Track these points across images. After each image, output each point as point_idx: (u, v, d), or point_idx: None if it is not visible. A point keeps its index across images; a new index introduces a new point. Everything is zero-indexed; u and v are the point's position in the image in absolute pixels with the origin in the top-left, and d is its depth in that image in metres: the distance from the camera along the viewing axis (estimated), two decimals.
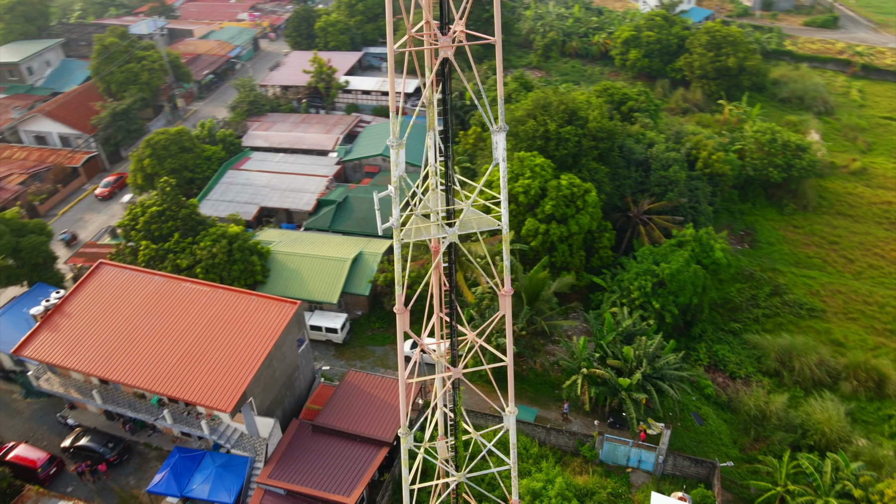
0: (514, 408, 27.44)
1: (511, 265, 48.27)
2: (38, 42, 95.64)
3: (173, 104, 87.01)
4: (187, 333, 39.87)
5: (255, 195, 63.34)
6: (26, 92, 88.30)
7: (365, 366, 48.53)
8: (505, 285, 23.88)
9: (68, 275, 55.41)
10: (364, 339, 51.18)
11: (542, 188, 51.91)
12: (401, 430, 26.64)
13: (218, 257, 47.72)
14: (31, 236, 48.43)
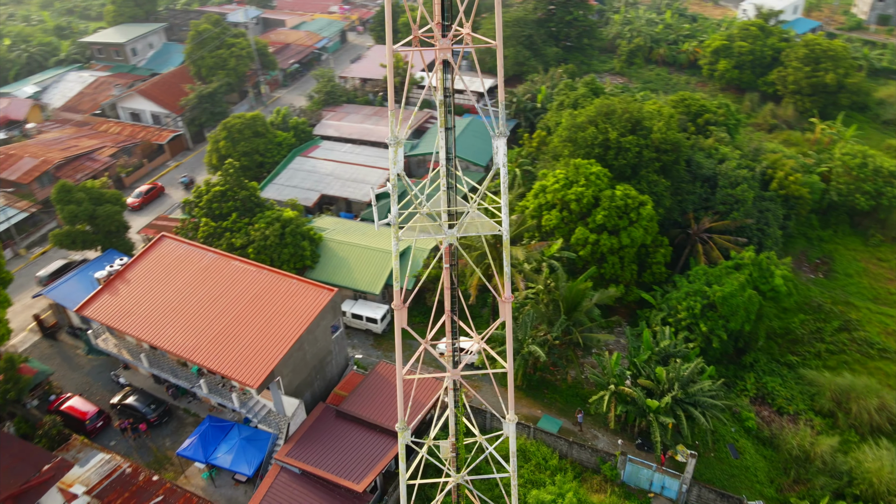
0: (513, 415, 27.13)
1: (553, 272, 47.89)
2: (144, 25, 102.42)
3: (257, 90, 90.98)
4: (229, 309, 41.83)
5: (318, 182, 65.36)
6: (129, 71, 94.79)
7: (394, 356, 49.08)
8: (505, 292, 23.65)
9: (140, 244, 59.29)
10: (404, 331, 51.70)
11: (595, 197, 50.76)
12: (398, 424, 26.96)
13: (270, 239, 49.66)
14: (107, 205, 52.15)
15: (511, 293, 23.78)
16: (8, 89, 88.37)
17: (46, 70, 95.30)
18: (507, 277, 23.44)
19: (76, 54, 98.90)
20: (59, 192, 51.05)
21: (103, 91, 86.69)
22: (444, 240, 23.06)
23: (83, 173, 68.83)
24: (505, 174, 21.48)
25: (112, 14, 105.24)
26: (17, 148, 70.51)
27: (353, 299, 52.41)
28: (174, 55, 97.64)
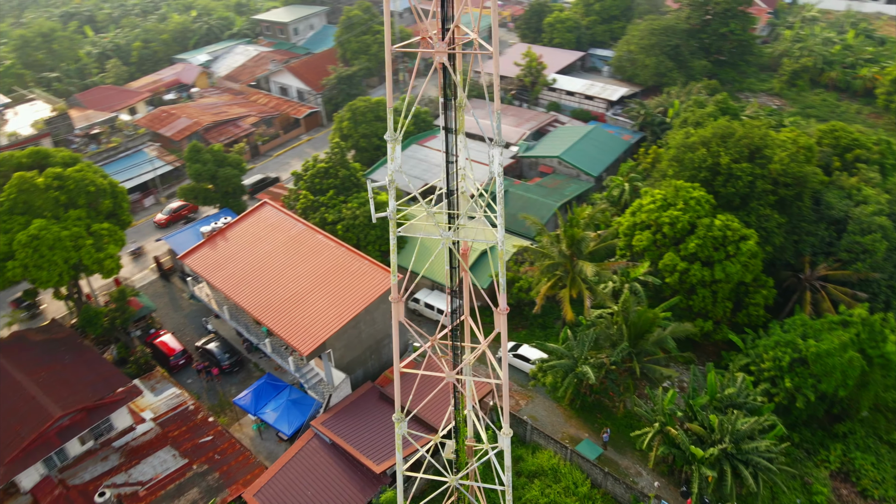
0: (508, 430, 26.62)
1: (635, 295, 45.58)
2: (309, 7, 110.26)
3: (396, 77, 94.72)
4: (302, 278, 44.57)
5: (426, 171, 67.02)
6: (288, 49, 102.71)
7: None
8: (500, 304, 23.24)
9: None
10: None
11: (691, 223, 47.48)
12: (395, 415, 27.48)
13: (360, 219, 51.99)
14: (228, 168, 57.42)
15: (507, 305, 23.30)
16: (185, 56, 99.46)
17: (220, 42, 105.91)
18: (502, 290, 23.01)
19: (247, 30, 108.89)
20: (190, 152, 57.04)
21: (261, 65, 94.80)
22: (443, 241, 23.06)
23: (226, 137, 76.07)
24: (501, 183, 21.07)
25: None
26: (177, 108, 79.41)
27: (430, 289, 53.47)
28: (329, 37, 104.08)
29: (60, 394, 38.03)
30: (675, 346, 44.84)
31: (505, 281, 22.92)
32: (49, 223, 41.48)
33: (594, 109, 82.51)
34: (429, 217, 22.94)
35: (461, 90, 22.04)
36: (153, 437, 39.64)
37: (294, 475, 36.35)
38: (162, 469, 37.64)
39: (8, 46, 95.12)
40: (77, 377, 39.64)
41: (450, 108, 21.28)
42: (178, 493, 36.47)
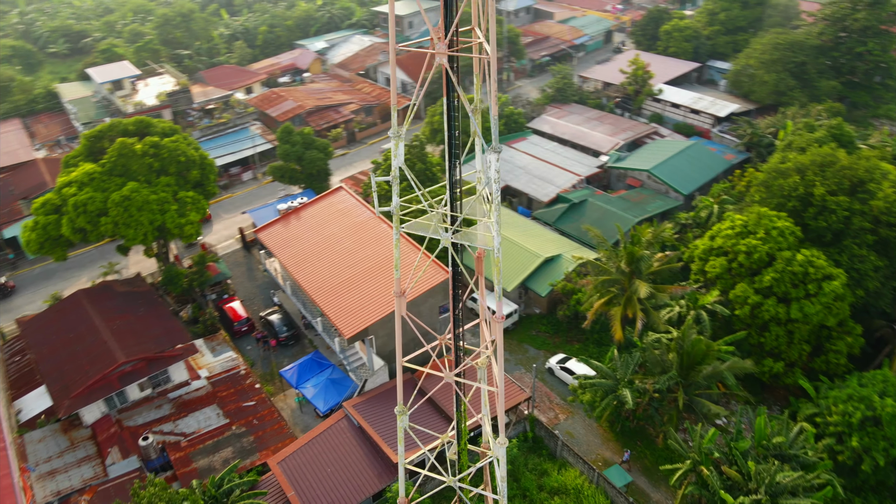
0: (503, 439, 26.21)
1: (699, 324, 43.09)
2: (424, 1, 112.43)
3: (501, 76, 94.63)
4: (359, 264, 45.94)
5: (508, 173, 66.63)
6: (400, 41, 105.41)
7: (510, 361, 49.04)
8: (497, 312, 22.91)
9: None
10: (525, 335, 51.39)
11: (770, 255, 44.10)
12: (397, 408, 27.84)
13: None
14: (314, 152, 60.09)
15: (503, 314, 22.89)
16: (304, 42, 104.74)
17: (339, 31, 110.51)
18: (497, 297, 22.67)
19: (365, 20, 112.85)
20: (282, 133, 60.24)
21: (372, 55, 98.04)
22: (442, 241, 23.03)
23: (326, 121, 79.51)
24: (497, 190, 20.72)
25: None
26: (286, 91, 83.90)
27: (490, 290, 53.25)
28: None
29: (128, 342, 41.73)
30: (736, 383, 41.93)
31: (500, 288, 22.56)
32: (141, 186, 45.46)
33: (699, 125, 78.28)
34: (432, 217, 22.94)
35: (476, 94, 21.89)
36: (204, 394, 42.52)
37: (317, 451, 37.72)
38: (205, 425, 40.34)
39: (152, 23, 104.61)
40: (145, 329, 43.31)
41: (453, 110, 21.17)
42: (214, 449, 38.94)
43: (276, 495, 35.95)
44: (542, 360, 49.03)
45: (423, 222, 22.90)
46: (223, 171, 71.57)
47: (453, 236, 22.64)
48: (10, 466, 36.12)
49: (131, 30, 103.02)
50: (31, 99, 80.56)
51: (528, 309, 53.61)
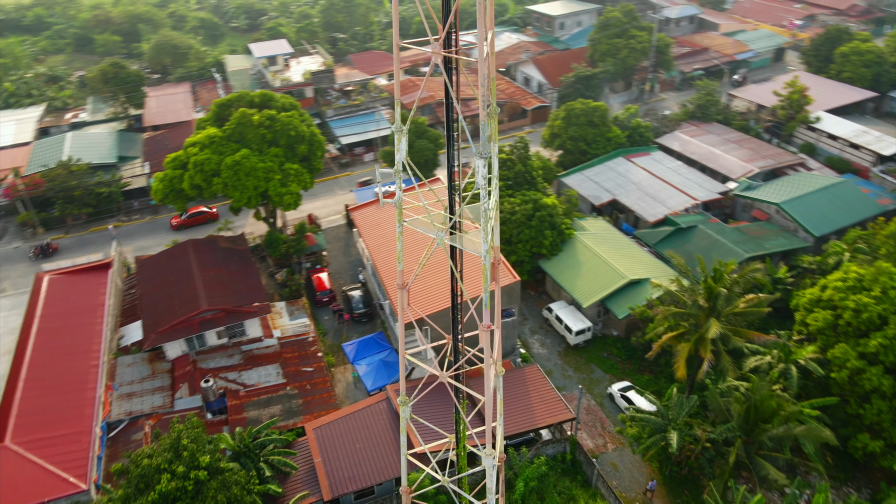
0: (491, 450, 25.66)
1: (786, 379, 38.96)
2: (582, 3, 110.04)
3: (642, 86, 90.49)
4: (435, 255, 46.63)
5: (619, 187, 63.87)
6: (549, 42, 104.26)
7: (573, 378, 47.44)
8: (484, 319, 22.48)
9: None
10: (595, 356, 49.35)
11: (882, 317, 38.61)
12: (400, 398, 28.21)
13: (516, 216, 52.19)
14: (425, 141, 61.64)
15: (491, 321, 22.42)
16: None
17: None
18: (485, 305, 22.20)
19: (518, 18, 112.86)
20: None
21: (516, 53, 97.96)
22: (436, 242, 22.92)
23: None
24: (485, 196, 20.23)
25: None
26: (419, 79, 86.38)
27: (570, 303, 51.74)
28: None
29: (214, 292, 45.93)
30: (817, 452, 37.41)
31: (488, 296, 22.09)
32: (252, 154, 49.56)
33: (858, 161, 69.67)
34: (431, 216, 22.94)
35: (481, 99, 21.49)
36: (271, 352, 45.73)
37: (353, 426, 39.17)
38: (264, 380, 43.44)
39: (319, 6, 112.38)
40: (232, 283, 47.37)
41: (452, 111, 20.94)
42: (266, 404, 41.85)
43: (305, 458, 37.94)
44: (605, 385, 46.89)
45: (424, 220, 22.97)
46: (348, 149, 75.70)
47: (448, 237, 22.49)
48: (97, 382, 41.46)
49: (301, 11, 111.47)
50: (202, 67, 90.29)
51: (605, 329, 51.38)
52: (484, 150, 19.66)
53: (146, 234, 63.29)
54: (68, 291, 48.77)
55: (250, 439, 36.70)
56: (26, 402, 38.83)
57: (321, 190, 70.31)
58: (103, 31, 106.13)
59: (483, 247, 21.19)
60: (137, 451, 31.65)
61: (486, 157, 19.70)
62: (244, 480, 32.22)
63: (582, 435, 42.75)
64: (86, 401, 39.92)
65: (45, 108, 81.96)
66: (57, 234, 63.39)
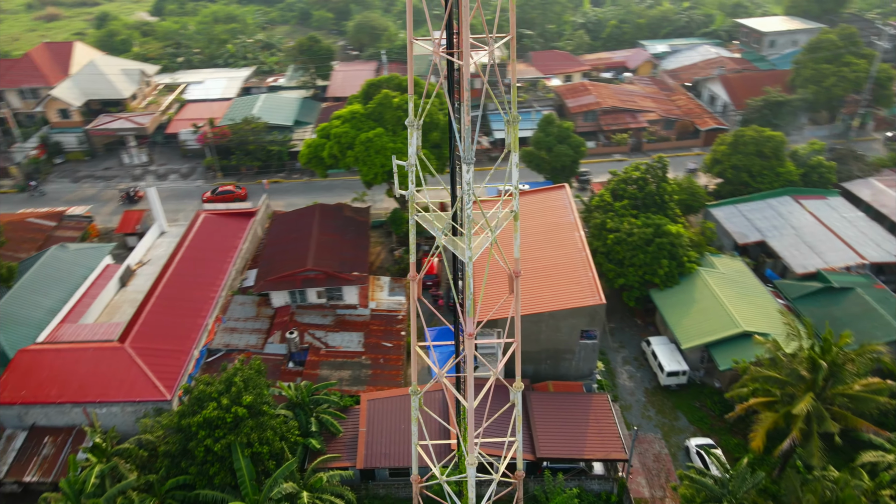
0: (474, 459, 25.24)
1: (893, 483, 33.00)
2: (804, 22, 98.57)
3: (849, 121, 79.27)
4: (534, 260, 45.98)
5: (773, 228, 57.08)
6: (752, 60, 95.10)
7: (652, 420, 44.09)
8: (467, 328, 22.10)
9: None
10: (685, 403, 45.28)
11: None
12: (411, 388, 28.65)
13: (633, 238, 49.29)
14: (565, 147, 60.23)
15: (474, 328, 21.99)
16: (647, 42, 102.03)
17: (690, 38, 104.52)
18: (467, 311, 21.78)
19: (724, 31, 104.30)
20: (541, 122, 61.68)
21: (708, 68, 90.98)
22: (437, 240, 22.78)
23: (618, 123, 77.93)
24: (469, 202, 19.74)
25: (788, 3, 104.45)
26: (594, 85, 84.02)
27: (672, 341, 47.92)
28: None
29: (323, 255, 49.66)
30: None
31: (471, 303, 21.66)
32: (385, 133, 52.40)
33: None
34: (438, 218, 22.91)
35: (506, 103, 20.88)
36: (360, 321, 48.43)
37: (403, 406, 40.33)
38: (345, 345, 46.25)
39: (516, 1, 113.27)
40: (341, 250, 50.79)
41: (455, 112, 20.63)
42: (339, 367, 44.59)
43: (353, 425, 39.96)
44: (686, 436, 42.95)
45: (429, 217, 23.04)
46: (499, 144, 76.37)
47: (444, 238, 22.37)
48: (209, 312, 47.17)
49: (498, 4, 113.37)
50: (391, 48, 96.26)
51: (706, 378, 46.83)
52: (467, 156, 19.28)
53: (299, 192, 69.78)
54: (215, 230, 55.75)
55: (308, 394, 39.51)
56: (150, 317, 45.46)
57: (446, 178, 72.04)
58: (321, 8, 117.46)
59: (466, 253, 20.84)
60: (201, 376, 35.76)
61: (468, 162, 19.30)
62: (281, 428, 34.93)
63: (639, 481, 39.76)
64: (194, 326, 45.70)
65: (254, 70, 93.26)
66: (230, 181, 72.40)
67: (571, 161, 61.11)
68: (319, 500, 33.22)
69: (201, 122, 75.07)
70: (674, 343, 47.51)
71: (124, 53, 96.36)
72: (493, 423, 35.31)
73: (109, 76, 79.91)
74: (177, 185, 72.24)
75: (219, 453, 32.63)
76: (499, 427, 35.99)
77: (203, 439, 32.62)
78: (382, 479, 39.01)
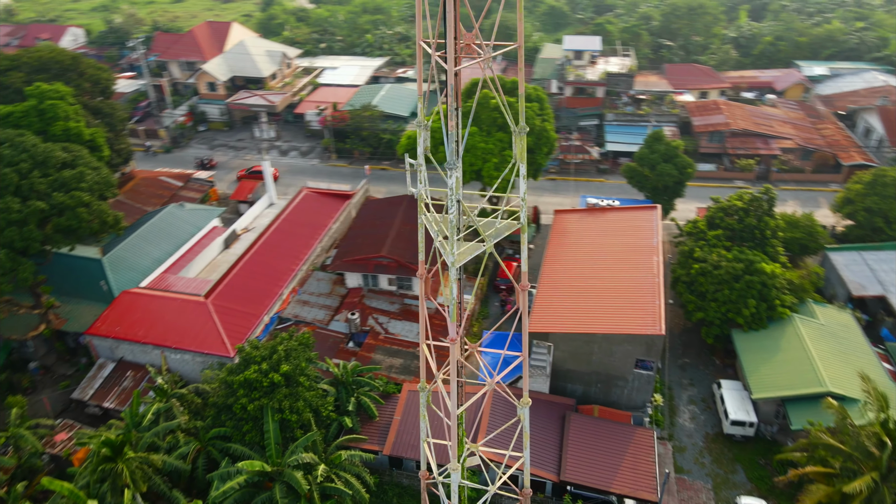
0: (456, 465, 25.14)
1: None
2: None
3: None
4: (601, 279, 44.41)
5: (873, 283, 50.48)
6: None
7: (705, 468, 40.96)
8: (450, 332, 22.02)
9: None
10: (747, 457, 41.58)
11: None
12: (420, 384, 28.91)
13: (719, 272, 45.76)
14: (670, 166, 56.86)
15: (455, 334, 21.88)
16: (803, 63, 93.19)
17: (858, 62, 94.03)
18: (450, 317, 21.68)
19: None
20: (650, 137, 58.79)
21: (870, 98, 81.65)
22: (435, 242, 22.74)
23: (746, 148, 72.37)
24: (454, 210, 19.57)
25: None
26: (726, 105, 78.33)
27: (746, 390, 44.08)
28: None
29: (398, 245, 51.07)
30: None
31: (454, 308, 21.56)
32: (478, 133, 52.69)
33: None
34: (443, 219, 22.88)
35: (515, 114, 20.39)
36: None
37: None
38: (403, 334, 47.38)
39: (659, 10, 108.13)
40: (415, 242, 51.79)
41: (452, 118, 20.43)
42: (392, 354, 45.77)
43: (390, 412, 40.97)
44: (739, 492, 39.50)
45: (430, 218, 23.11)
46: (609, 156, 73.85)
47: (437, 241, 22.38)
48: (286, 282, 50.28)
49: (645, 12, 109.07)
50: None
51: (779, 435, 42.63)
52: (450, 163, 19.17)
53: (400, 181, 71.97)
54: (312, 207, 59.19)
55: (353, 374, 41.06)
56: (235, 279, 49.36)
57: (561, 187, 70.62)
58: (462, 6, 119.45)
59: (449, 258, 20.77)
60: (252, 341, 38.39)
61: (453, 167, 19.19)
62: (315, 401, 36.67)
63: None
64: (270, 293, 48.99)
65: (387, 60, 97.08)
66: (342, 163, 76.25)
67: (675, 182, 57.71)
68: (336, 475, 34.55)
69: (324, 106, 79.59)
70: (747, 391, 43.68)
71: (276, 36, 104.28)
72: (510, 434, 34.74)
73: (254, 56, 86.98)
74: (295, 161, 77.31)
75: (252, 413, 34.96)
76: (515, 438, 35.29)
77: (240, 398, 35.11)
78: (409, 469, 39.71)
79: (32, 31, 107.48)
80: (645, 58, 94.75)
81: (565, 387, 42.85)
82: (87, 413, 44.11)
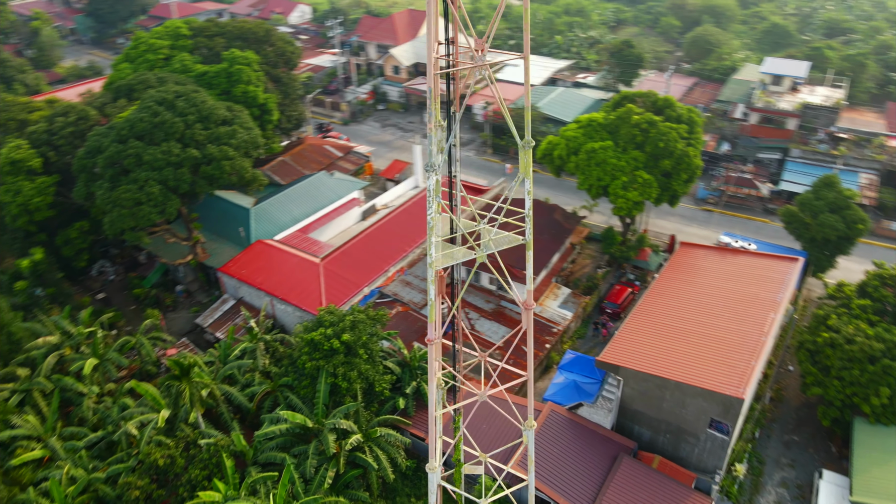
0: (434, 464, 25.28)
1: None
2: None
3: None
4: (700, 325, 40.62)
5: None
6: None
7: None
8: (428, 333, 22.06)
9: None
10: None
11: None
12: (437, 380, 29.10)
13: (854, 346, 39.26)
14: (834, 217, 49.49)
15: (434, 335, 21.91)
16: None
17: None
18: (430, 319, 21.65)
19: None
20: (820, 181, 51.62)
21: None
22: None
23: None
24: (434, 211, 19.47)
25: None
26: None
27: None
28: None
29: None
30: None
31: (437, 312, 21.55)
32: (612, 148, 50.41)
33: None
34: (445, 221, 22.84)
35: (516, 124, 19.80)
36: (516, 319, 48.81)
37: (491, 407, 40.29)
38: (487, 334, 47.46)
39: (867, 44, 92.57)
40: None
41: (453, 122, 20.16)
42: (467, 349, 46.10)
43: None
44: None
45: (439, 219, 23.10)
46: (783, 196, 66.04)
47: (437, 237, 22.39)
48: (395, 261, 52.77)
49: (884, 41, 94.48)
50: (714, 68, 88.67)
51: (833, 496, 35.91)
52: (427, 164, 19.15)
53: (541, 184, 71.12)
54: None
55: (419, 360, 42.24)
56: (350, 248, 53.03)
57: (714, 220, 64.82)
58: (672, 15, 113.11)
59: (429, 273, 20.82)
60: (330, 306, 41.13)
61: (430, 170, 19.17)
62: (369, 375, 38.46)
63: None
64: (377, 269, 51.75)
65: (571, 64, 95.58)
66: (497, 158, 77.22)
67: (839, 237, 50.15)
68: (368, 447, 36.12)
69: (491, 101, 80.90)
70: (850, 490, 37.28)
71: (467, 30, 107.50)
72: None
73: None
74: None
75: (309, 371, 37.76)
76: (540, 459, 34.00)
77: (303, 354, 38.07)
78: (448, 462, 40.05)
79: (271, 4, 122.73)
80: (866, 92, 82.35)
81: (632, 428, 40.02)
82: (205, 338, 50.61)
